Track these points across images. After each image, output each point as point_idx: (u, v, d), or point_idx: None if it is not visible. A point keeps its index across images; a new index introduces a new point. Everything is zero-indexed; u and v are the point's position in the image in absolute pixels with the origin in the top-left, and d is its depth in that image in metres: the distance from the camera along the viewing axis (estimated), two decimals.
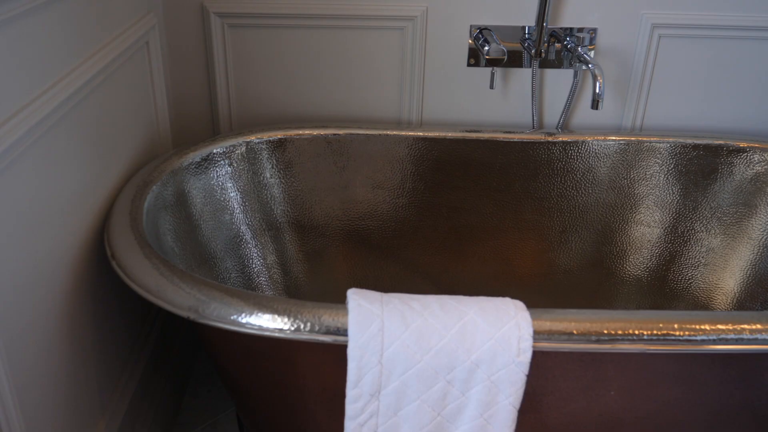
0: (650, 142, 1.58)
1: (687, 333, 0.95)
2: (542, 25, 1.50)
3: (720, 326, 0.96)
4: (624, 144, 1.57)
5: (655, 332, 0.95)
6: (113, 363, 1.22)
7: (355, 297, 0.94)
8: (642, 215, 1.62)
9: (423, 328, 0.92)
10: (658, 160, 1.58)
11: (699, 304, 1.62)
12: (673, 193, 1.60)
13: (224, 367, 1.17)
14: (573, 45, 1.53)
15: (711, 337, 0.95)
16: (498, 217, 1.62)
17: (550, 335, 0.95)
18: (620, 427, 1.12)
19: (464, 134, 1.55)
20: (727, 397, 1.10)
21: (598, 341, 0.95)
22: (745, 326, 0.96)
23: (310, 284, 1.59)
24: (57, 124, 0.98)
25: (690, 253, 1.62)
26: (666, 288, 1.64)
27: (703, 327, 0.95)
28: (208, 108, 1.60)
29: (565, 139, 1.56)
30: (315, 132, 1.52)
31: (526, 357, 0.93)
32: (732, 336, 0.95)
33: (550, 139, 1.56)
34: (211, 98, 1.59)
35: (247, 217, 1.48)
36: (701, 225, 1.60)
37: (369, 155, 1.55)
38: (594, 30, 1.56)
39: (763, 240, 1.56)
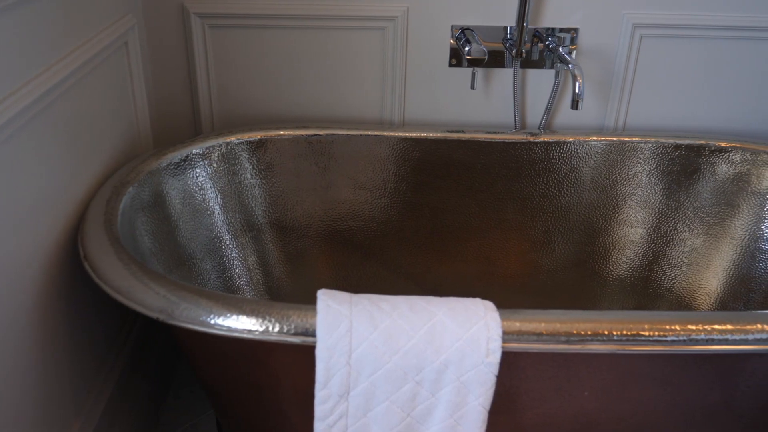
0: (632, 142, 1.57)
1: (657, 333, 0.95)
2: (522, 25, 1.50)
3: (690, 326, 0.95)
4: (606, 144, 1.57)
5: (624, 332, 0.95)
6: (89, 364, 1.22)
7: (324, 298, 0.94)
8: (625, 215, 1.62)
9: (391, 328, 0.92)
10: (640, 160, 1.58)
11: (682, 304, 1.62)
12: (656, 193, 1.60)
13: (199, 368, 1.17)
14: (554, 45, 1.53)
15: (681, 338, 0.95)
16: (480, 218, 1.62)
17: (519, 336, 0.94)
18: (595, 427, 1.12)
19: (446, 134, 1.55)
20: (702, 398, 1.10)
21: (567, 342, 0.95)
22: (716, 326, 0.96)
23: (292, 285, 1.59)
24: (27, 124, 0.98)
25: (673, 253, 1.62)
26: (649, 288, 1.63)
27: (673, 327, 0.95)
28: (189, 108, 1.60)
29: (547, 139, 1.56)
30: (295, 132, 1.51)
31: (495, 358, 0.92)
32: (702, 336, 0.95)
33: (531, 139, 1.56)
34: (192, 98, 1.59)
35: (227, 218, 1.48)
36: (684, 225, 1.60)
37: (351, 156, 1.55)
38: (575, 30, 1.56)
39: (745, 240, 1.55)
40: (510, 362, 1.02)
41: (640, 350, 0.96)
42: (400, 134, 1.54)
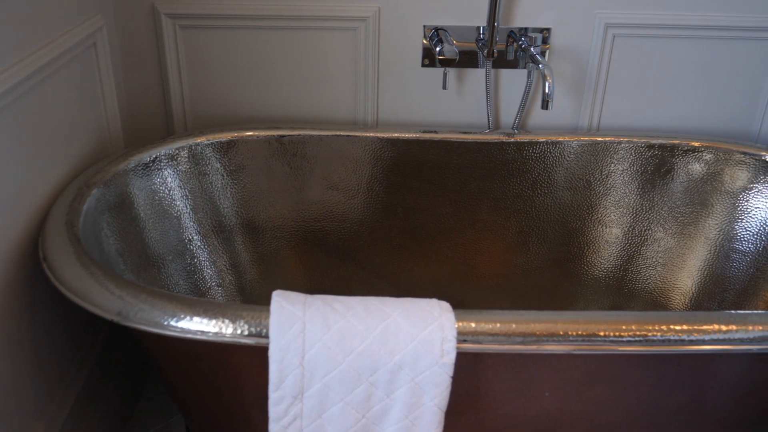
0: (606, 142, 1.57)
1: (613, 334, 0.94)
2: (493, 25, 1.50)
3: (647, 327, 0.95)
4: (580, 144, 1.57)
5: (580, 333, 0.94)
6: (53, 368, 1.21)
7: (278, 299, 0.93)
8: (599, 215, 1.61)
9: (345, 329, 0.91)
10: (614, 160, 1.58)
11: (657, 303, 1.61)
12: (630, 193, 1.59)
13: (162, 370, 1.16)
14: (526, 45, 1.53)
15: (637, 338, 0.95)
16: (455, 218, 1.61)
17: (475, 336, 0.94)
18: (558, 428, 1.12)
19: (419, 135, 1.55)
20: (665, 397, 1.09)
21: (523, 342, 0.94)
22: (673, 327, 0.95)
23: (265, 287, 1.59)
24: None
25: (648, 253, 1.61)
26: (624, 288, 1.63)
27: (629, 328, 0.95)
28: (162, 109, 1.60)
29: (520, 139, 1.56)
30: (267, 133, 1.51)
31: (450, 358, 0.92)
32: (658, 337, 0.95)
33: (505, 139, 1.56)
34: (165, 99, 1.59)
35: (198, 219, 1.48)
36: (658, 225, 1.60)
37: (323, 156, 1.55)
38: (548, 30, 1.55)
39: (719, 240, 1.55)
40: (470, 363, 1.01)
41: (596, 350, 0.95)
42: (373, 135, 1.54)
